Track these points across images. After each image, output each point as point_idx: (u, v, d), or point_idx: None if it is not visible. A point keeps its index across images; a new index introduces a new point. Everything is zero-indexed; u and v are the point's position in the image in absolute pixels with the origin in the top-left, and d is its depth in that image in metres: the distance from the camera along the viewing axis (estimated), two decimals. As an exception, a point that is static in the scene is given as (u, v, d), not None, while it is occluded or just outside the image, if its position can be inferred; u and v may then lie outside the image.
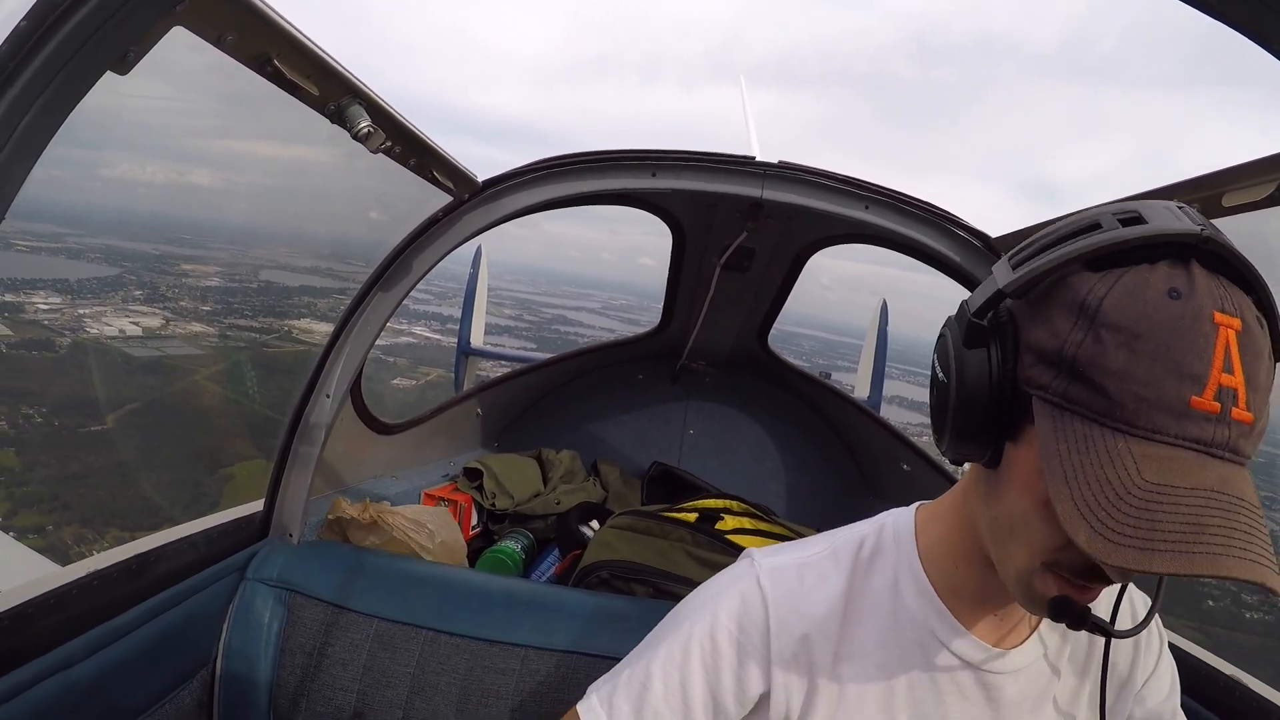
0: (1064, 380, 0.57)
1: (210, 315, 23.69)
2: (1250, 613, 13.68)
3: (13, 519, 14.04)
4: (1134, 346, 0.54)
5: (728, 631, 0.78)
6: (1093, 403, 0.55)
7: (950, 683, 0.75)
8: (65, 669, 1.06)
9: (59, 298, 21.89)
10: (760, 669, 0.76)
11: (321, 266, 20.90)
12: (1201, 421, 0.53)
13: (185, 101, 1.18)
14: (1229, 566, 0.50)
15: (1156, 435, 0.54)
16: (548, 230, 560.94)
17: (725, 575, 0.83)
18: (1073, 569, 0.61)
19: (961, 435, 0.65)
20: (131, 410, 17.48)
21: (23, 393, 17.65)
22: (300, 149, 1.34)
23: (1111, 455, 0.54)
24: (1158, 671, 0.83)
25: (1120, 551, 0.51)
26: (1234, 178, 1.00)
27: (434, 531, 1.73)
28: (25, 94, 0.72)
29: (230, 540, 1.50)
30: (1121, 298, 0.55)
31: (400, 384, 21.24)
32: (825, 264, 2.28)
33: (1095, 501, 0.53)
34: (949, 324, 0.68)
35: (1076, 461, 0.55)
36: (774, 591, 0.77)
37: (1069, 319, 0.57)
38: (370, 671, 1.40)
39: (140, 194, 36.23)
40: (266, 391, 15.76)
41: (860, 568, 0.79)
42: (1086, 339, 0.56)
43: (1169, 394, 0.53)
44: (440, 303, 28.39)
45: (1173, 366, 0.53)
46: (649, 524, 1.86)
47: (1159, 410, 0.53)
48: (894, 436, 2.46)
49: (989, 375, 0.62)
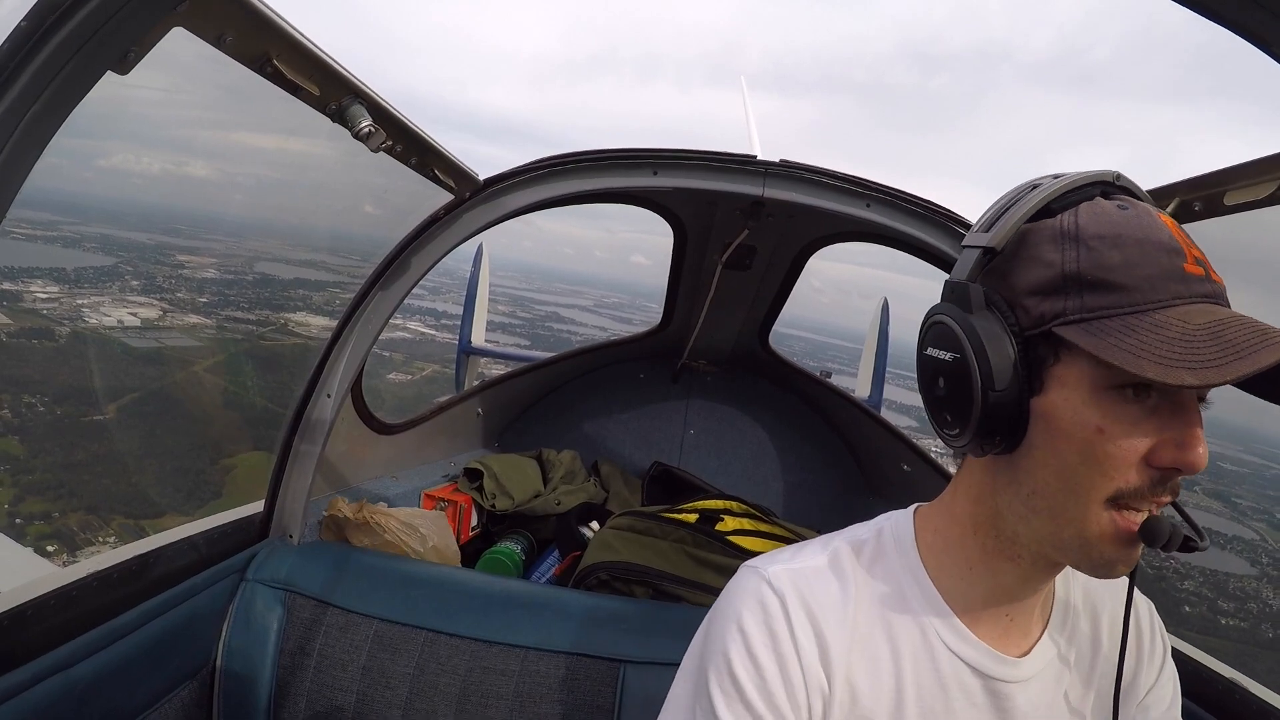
0: (1078, 296, 0.62)
1: (208, 307, 23.83)
2: (1225, 619, 13.75)
3: (19, 505, 14.25)
4: (1120, 243, 0.62)
5: (762, 644, 0.72)
6: (1114, 300, 0.61)
7: (959, 690, 0.73)
8: (65, 669, 1.06)
9: (56, 287, 22.08)
10: (798, 670, 0.72)
11: (316, 260, 20.97)
12: (1198, 282, 0.62)
13: (183, 93, 1.17)
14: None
15: (1177, 300, 0.61)
16: (542, 227, 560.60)
17: (733, 595, 0.77)
18: (1140, 490, 0.62)
19: (994, 407, 0.64)
20: (133, 400, 17.77)
21: (25, 381, 17.79)
22: (297, 142, 1.34)
23: (1158, 326, 0.59)
24: (1160, 680, 0.82)
25: (1223, 369, 0.55)
26: (1235, 177, 1.00)
27: (426, 535, 1.73)
28: (26, 94, 0.72)
29: (230, 541, 1.50)
30: (1090, 217, 0.64)
31: (397, 379, 21.29)
32: (816, 266, 2.28)
33: (1174, 353, 0.57)
34: (939, 309, 0.69)
35: (1136, 344, 0.59)
36: (788, 593, 0.74)
37: (1055, 248, 0.64)
38: (370, 672, 1.40)
39: (136, 184, 36.30)
40: (265, 384, 15.77)
41: (862, 574, 0.77)
42: (1081, 252, 0.63)
43: (1168, 267, 0.61)
44: (434, 298, 28.41)
45: (1158, 246, 0.62)
46: (649, 525, 1.86)
47: (1169, 280, 0.61)
48: (895, 437, 2.45)
49: (1008, 331, 0.65)
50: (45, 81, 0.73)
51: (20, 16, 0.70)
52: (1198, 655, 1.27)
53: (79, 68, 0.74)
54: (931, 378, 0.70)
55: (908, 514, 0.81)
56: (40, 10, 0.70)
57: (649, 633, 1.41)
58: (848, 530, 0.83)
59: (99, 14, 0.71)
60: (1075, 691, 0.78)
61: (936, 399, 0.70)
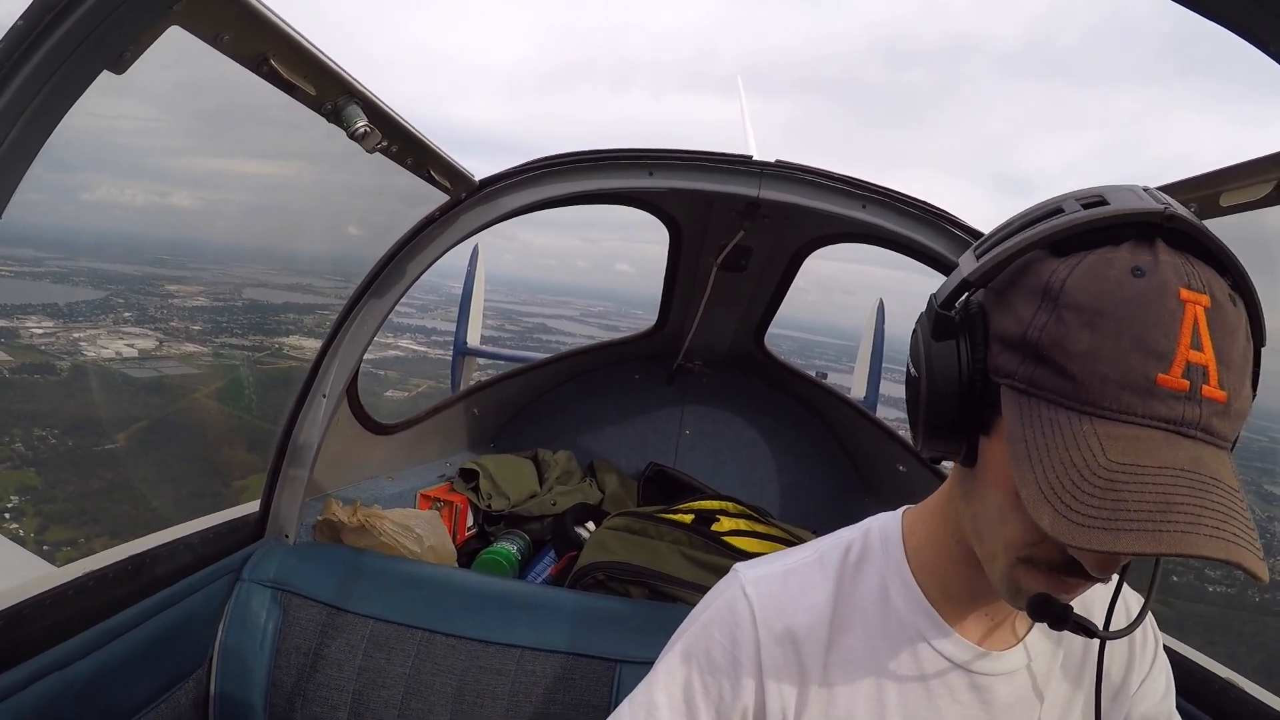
0: (1029, 365, 0.56)
1: (202, 335, 24.44)
2: (1213, 586, 13.93)
3: (45, 534, 14.68)
4: (1097, 325, 0.52)
5: (720, 645, 0.77)
6: (1058, 386, 0.54)
7: (941, 685, 0.74)
8: (61, 669, 1.06)
9: (51, 322, 22.77)
10: (753, 679, 0.75)
11: (302, 283, 21.35)
12: (1169, 400, 0.51)
13: (164, 122, 1.18)
14: (1198, 545, 0.47)
15: (1123, 416, 0.52)
16: (523, 239, 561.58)
17: (713, 592, 0.83)
18: (1049, 563, 0.60)
19: (933, 431, 0.64)
20: (140, 428, 18.39)
21: (34, 415, 18.41)
22: (276, 166, 1.34)
23: (1077, 437, 0.53)
24: (1152, 673, 0.82)
25: (1084, 533, 0.50)
26: (1231, 177, 1.00)
27: (422, 536, 1.73)
28: (22, 93, 0.72)
29: (226, 541, 1.50)
30: (1084, 278, 0.54)
31: (393, 395, 21.64)
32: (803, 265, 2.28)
33: (1060, 484, 0.52)
34: (920, 319, 0.68)
35: (1042, 445, 0.54)
36: (760, 600, 0.76)
37: (1033, 304, 0.56)
38: (366, 672, 1.40)
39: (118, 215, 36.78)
40: (267, 407, 16.10)
41: (848, 573, 0.78)
42: (1050, 321, 0.55)
43: (1134, 372, 0.51)
44: (423, 315, 28.71)
45: (1137, 343, 0.51)
46: (645, 525, 1.86)
47: (1124, 389, 0.52)
48: (890, 437, 2.46)
49: (958, 368, 0.61)
50: (42, 81, 0.73)
51: (16, 16, 0.70)
52: (1194, 656, 1.28)
53: (75, 68, 0.74)
54: (905, 382, 0.71)
55: (896, 516, 0.82)
56: (37, 10, 0.70)
57: (645, 633, 1.41)
58: (839, 532, 0.84)
59: (95, 13, 0.71)
60: (1063, 686, 0.78)
61: (907, 402, 0.71)
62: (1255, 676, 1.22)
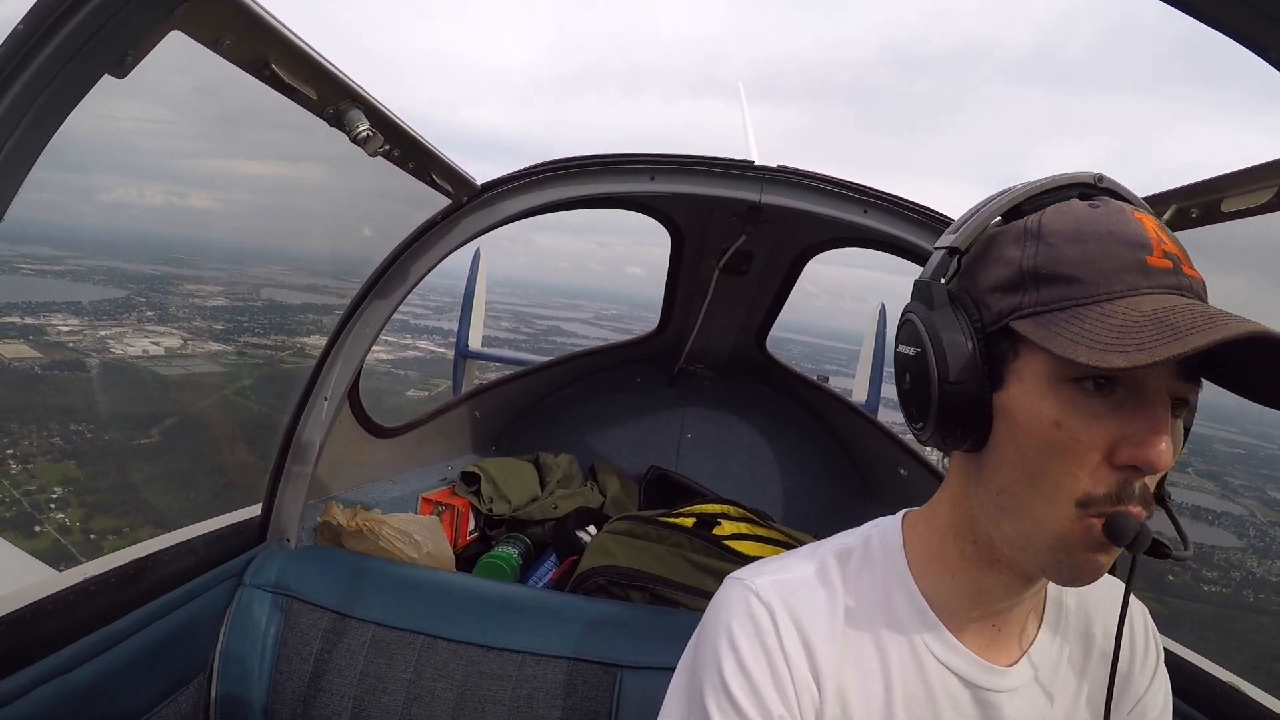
0: (1034, 291, 0.62)
1: (225, 334, 25.03)
2: (1208, 586, 14.01)
3: (90, 522, 15.41)
4: (1081, 239, 0.61)
5: (754, 658, 0.71)
6: (1067, 292, 0.61)
7: (948, 701, 0.73)
8: (63, 674, 1.06)
9: (76, 319, 23.37)
10: (790, 679, 0.72)
11: (318, 284, 21.81)
12: (1163, 274, 0.60)
13: (180, 125, 1.18)
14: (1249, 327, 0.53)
15: (1135, 291, 0.59)
16: (536, 242, 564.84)
17: (720, 608, 0.76)
18: (1109, 495, 0.60)
19: (948, 400, 0.65)
20: (174, 424, 19.16)
21: (69, 409, 19.09)
22: (293, 168, 1.34)
23: (1105, 315, 0.58)
24: (1152, 688, 0.81)
25: (1153, 350, 0.53)
26: (1233, 183, 1.00)
27: (420, 542, 1.73)
28: (22, 97, 0.72)
29: (227, 545, 1.50)
30: (1055, 215, 0.64)
31: (415, 395, 21.86)
32: (810, 270, 2.29)
33: (1112, 339, 0.56)
34: (908, 306, 0.71)
35: (1077, 331, 0.58)
36: (776, 604, 0.73)
37: (1017, 246, 0.64)
38: (367, 677, 1.39)
39: (134, 215, 37.24)
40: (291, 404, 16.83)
41: (849, 582, 0.76)
42: (1039, 249, 0.62)
43: (1128, 259, 0.59)
44: (439, 317, 29.20)
45: (1120, 240, 0.60)
46: (646, 529, 1.85)
47: (1126, 272, 0.59)
48: (892, 441, 2.45)
49: (964, 325, 0.65)
50: (42, 85, 0.73)
51: (17, 19, 0.70)
52: (1194, 659, 1.27)
53: (76, 71, 0.74)
54: (900, 372, 0.71)
55: (896, 521, 0.80)
56: (38, 13, 0.70)
57: (646, 638, 1.41)
58: (836, 538, 0.82)
59: (96, 17, 0.71)
60: (1066, 699, 0.77)
61: (904, 393, 0.71)
62: (1244, 672, 1.22)
